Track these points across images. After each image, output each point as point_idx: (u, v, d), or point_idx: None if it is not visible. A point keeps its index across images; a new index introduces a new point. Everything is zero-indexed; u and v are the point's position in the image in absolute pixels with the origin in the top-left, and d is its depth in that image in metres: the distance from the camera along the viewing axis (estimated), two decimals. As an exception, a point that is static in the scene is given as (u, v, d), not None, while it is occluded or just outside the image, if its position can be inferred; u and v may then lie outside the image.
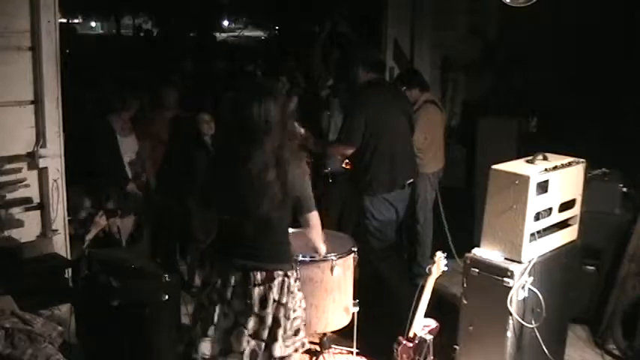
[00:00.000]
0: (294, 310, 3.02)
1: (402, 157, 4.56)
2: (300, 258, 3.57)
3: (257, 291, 2.93)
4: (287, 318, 2.97)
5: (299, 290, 3.08)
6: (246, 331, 2.92)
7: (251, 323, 2.92)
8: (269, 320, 2.92)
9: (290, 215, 3.04)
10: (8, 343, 2.62)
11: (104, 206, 4.67)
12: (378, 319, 4.05)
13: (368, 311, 3.96)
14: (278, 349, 2.94)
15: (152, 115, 5.52)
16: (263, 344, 2.94)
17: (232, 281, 2.95)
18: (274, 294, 2.93)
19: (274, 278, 2.94)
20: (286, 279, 2.98)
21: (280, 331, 2.94)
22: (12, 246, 3.73)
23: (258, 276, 2.93)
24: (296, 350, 3.05)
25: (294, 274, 3.04)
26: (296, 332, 3.04)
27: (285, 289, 2.96)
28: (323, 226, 3.17)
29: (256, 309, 2.92)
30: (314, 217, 3.05)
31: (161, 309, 3.47)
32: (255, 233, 2.94)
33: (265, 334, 2.93)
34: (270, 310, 2.92)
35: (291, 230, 3.13)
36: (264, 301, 2.93)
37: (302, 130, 4.38)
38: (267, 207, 2.87)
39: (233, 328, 2.95)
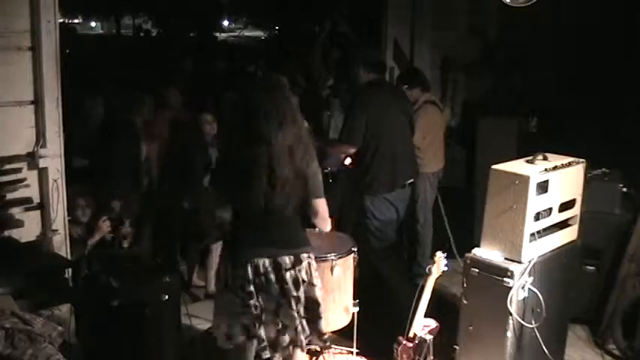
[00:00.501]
0: (320, 290, 3.17)
1: (403, 158, 4.56)
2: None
3: (289, 275, 3.04)
4: (319, 296, 3.12)
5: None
6: (292, 311, 3.05)
7: (293, 303, 3.05)
8: (303, 299, 3.07)
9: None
10: (8, 343, 2.62)
11: (111, 217, 4.67)
12: (378, 319, 4.05)
13: (368, 311, 3.96)
14: (324, 325, 3.16)
15: (155, 115, 5.52)
16: (305, 321, 3.10)
17: (263, 270, 3.04)
18: (303, 275, 3.07)
19: (302, 261, 3.08)
20: (311, 260, 3.13)
21: (322, 308, 3.12)
22: (12, 246, 3.73)
23: (287, 260, 3.05)
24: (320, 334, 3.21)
25: (313, 255, 3.19)
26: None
27: (312, 270, 3.12)
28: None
29: (293, 292, 3.04)
30: (322, 204, 3.11)
31: (161, 309, 3.47)
32: (277, 220, 3.05)
33: (303, 311, 3.08)
34: (302, 290, 3.06)
35: None
36: (297, 283, 3.06)
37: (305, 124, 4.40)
38: (284, 195, 2.98)
39: (279, 308, 3.07)
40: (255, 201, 2.99)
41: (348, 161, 4.87)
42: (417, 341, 3.71)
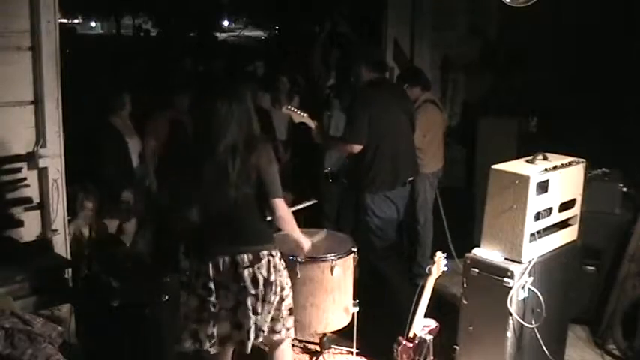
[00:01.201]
0: (282, 288, 3.22)
1: (405, 156, 4.56)
2: (299, 259, 3.60)
3: (247, 272, 3.09)
4: (276, 294, 3.16)
5: (284, 268, 3.26)
6: (249, 310, 3.09)
7: (249, 301, 3.09)
8: (261, 297, 3.11)
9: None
10: (8, 343, 2.62)
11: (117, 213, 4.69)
12: (378, 319, 4.05)
13: (368, 311, 3.97)
14: (277, 325, 3.20)
15: (159, 115, 5.50)
16: (262, 318, 3.14)
17: (223, 267, 3.11)
18: (263, 273, 3.10)
19: (261, 258, 3.11)
20: (271, 258, 3.16)
21: (273, 307, 3.16)
22: (12, 246, 3.73)
23: (245, 258, 3.09)
24: (288, 329, 3.27)
25: (277, 252, 3.22)
26: (290, 311, 3.27)
27: (272, 268, 3.14)
28: (318, 224, 3.22)
29: (251, 290, 3.09)
30: (279, 204, 3.15)
31: (161, 309, 3.47)
32: (234, 218, 3.11)
33: (262, 310, 3.13)
34: (261, 288, 3.10)
35: (277, 234, 3.31)
36: (255, 280, 3.09)
37: (312, 125, 4.41)
38: (238, 192, 3.05)
39: (237, 307, 3.12)
40: (216, 200, 3.08)
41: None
42: (417, 341, 3.71)
